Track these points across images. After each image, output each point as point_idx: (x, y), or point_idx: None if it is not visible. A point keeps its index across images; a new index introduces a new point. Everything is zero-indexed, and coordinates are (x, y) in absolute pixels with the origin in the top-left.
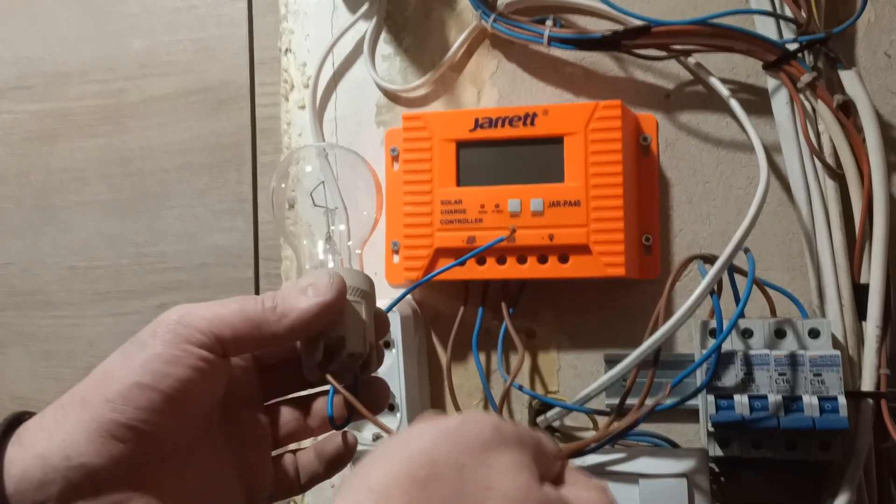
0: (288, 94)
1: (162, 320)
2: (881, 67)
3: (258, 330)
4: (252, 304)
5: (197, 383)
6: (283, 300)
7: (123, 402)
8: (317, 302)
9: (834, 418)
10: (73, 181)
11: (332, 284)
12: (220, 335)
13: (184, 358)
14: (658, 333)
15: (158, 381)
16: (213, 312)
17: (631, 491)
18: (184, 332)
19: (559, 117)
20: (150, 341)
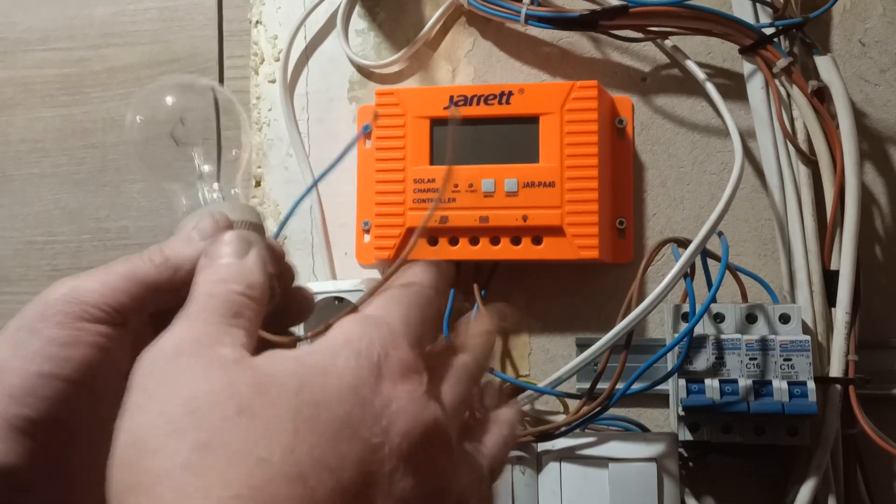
0: (258, 68)
1: (47, 300)
2: (855, 55)
3: (154, 289)
4: (141, 264)
5: (101, 361)
6: (171, 252)
7: (27, 395)
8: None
9: (803, 403)
10: (31, 152)
11: (217, 225)
12: (115, 305)
13: (81, 337)
14: (630, 316)
15: (59, 367)
16: (102, 282)
17: (601, 475)
18: (75, 310)
19: (535, 96)
20: (40, 325)
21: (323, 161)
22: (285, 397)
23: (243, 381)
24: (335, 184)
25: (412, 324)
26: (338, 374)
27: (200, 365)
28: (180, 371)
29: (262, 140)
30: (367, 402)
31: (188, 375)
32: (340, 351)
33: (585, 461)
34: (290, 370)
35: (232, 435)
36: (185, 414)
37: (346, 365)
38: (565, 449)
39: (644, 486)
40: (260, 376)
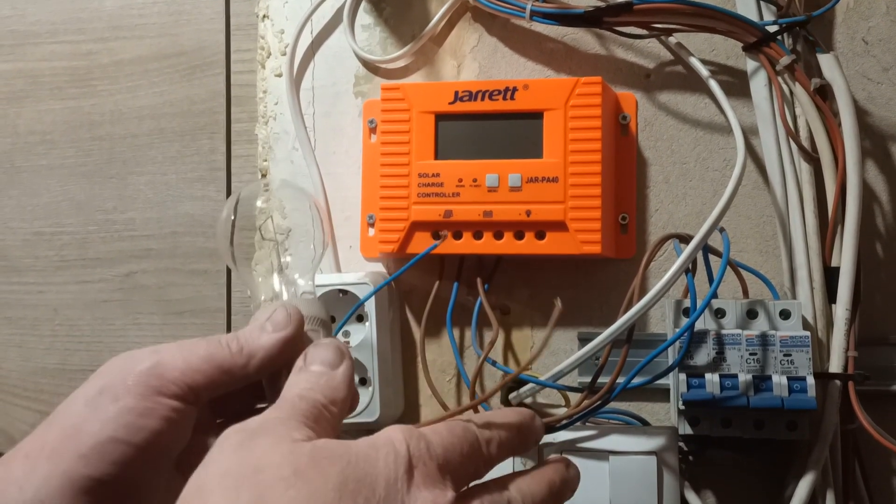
0: (264, 62)
1: (133, 369)
2: (858, 53)
3: (228, 374)
4: (219, 350)
5: (169, 433)
6: (246, 341)
7: (97, 458)
8: (278, 337)
9: (802, 398)
10: (40, 144)
11: (289, 317)
12: (192, 385)
13: (157, 410)
14: (632, 311)
15: (132, 434)
16: (185, 362)
17: (601, 468)
18: (156, 384)
19: (539, 92)
20: (122, 393)
21: (328, 155)
22: (335, 469)
23: (302, 451)
24: (340, 177)
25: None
26: (378, 464)
27: (273, 441)
28: (255, 443)
29: (268, 134)
30: (397, 494)
31: (260, 447)
32: (383, 447)
33: (586, 454)
34: (342, 451)
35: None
36: (248, 475)
37: (387, 459)
38: (566, 441)
39: (644, 480)
40: (316, 450)
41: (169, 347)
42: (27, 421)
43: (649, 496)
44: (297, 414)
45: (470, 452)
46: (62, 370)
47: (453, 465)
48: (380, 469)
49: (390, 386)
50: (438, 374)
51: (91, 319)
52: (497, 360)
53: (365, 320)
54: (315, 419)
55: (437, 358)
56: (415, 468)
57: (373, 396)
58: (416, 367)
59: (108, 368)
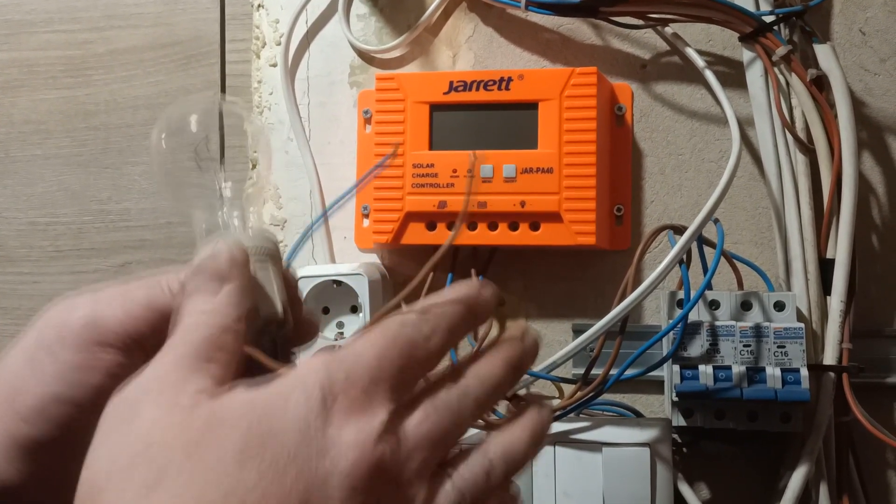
0: (259, 52)
1: (66, 322)
2: (856, 44)
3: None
4: (160, 293)
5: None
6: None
7: (39, 418)
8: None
9: (796, 390)
10: (34, 133)
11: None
12: (134, 334)
13: (99, 364)
14: (625, 302)
15: (74, 392)
16: (124, 310)
17: (594, 459)
18: (94, 336)
19: (534, 82)
20: (58, 348)
21: (323, 145)
22: (234, 436)
23: (195, 420)
24: (335, 167)
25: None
26: (286, 413)
27: (160, 407)
28: (139, 412)
29: (263, 124)
30: (312, 441)
31: (146, 417)
32: (292, 391)
33: (579, 445)
34: (242, 410)
35: (179, 474)
36: (136, 454)
37: (296, 404)
38: (560, 433)
39: (637, 471)
40: (212, 416)
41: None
42: None
43: (642, 488)
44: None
45: (407, 354)
46: None
47: (385, 379)
48: (289, 418)
49: None
50: None
51: None
52: None
53: (359, 311)
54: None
55: None
56: (333, 402)
57: None
58: None
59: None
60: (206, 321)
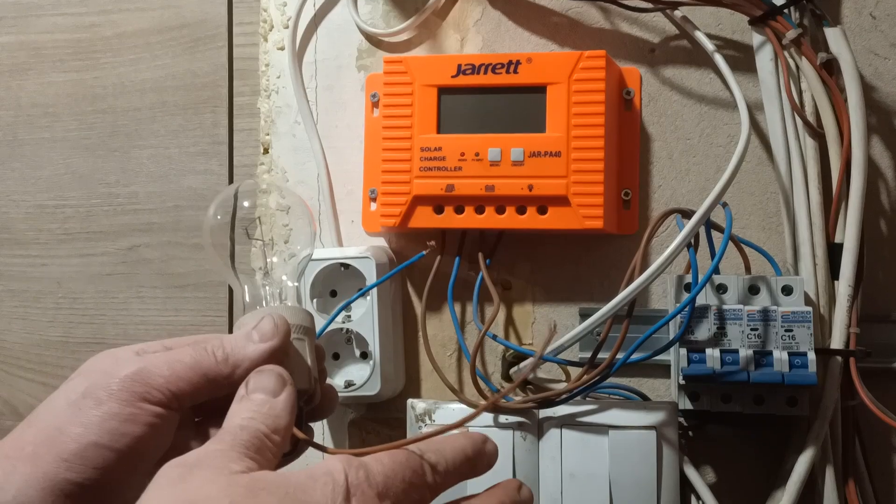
0: (267, 35)
1: (117, 374)
2: (866, 28)
3: (212, 383)
4: (205, 358)
5: (151, 438)
6: (232, 349)
7: (79, 462)
8: (264, 348)
9: (803, 374)
10: (42, 116)
11: (276, 328)
12: (177, 392)
13: (140, 416)
14: (633, 285)
15: (115, 440)
16: (170, 370)
17: (600, 442)
18: (140, 390)
19: (543, 66)
20: (105, 398)
21: (331, 129)
22: (272, 501)
23: (239, 484)
24: (342, 151)
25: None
26: (316, 493)
27: (210, 474)
28: (192, 477)
29: (270, 107)
30: None
31: (197, 481)
32: (321, 478)
33: (586, 428)
34: (279, 482)
35: None
36: None
37: (324, 489)
38: (566, 416)
39: (643, 454)
40: (253, 483)
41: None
42: (31, 393)
43: (648, 471)
44: (238, 445)
45: (412, 479)
46: (65, 343)
47: (394, 493)
48: (317, 499)
49: (391, 360)
50: (439, 348)
51: (94, 293)
52: (498, 335)
53: (366, 295)
54: (256, 449)
55: (438, 333)
56: (352, 496)
57: (373, 371)
58: (417, 341)
59: (91, 368)
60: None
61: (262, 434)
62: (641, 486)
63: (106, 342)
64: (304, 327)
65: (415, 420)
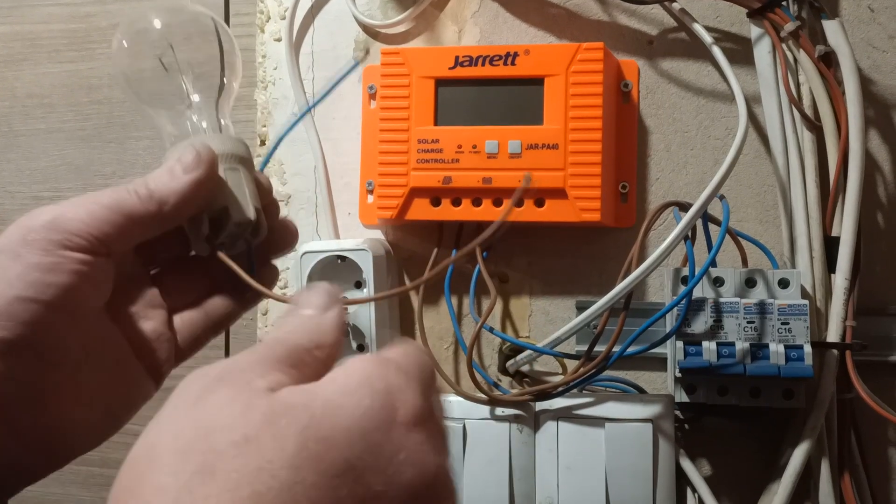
0: (263, 26)
1: (30, 225)
2: (864, 21)
3: (139, 223)
4: (126, 198)
5: (81, 287)
6: (156, 186)
7: (6, 318)
8: (190, 179)
9: (799, 366)
10: (38, 107)
11: (199, 157)
12: (98, 235)
13: (64, 264)
14: (630, 278)
15: (40, 292)
16: (87, 211)
17: (597, 434)
18: (58, 237)
19: (540, 58)
20: (23, 250)
21: (328, 121)
22: (293, 430)
23: (257, 409)
24: (340, 143)
25: (426, 375)
26: (351, 413)
27: (230, 393)
28: (213, 396)
29: (267, 99)
30: (376, 448)
31: (215, 401)
32: (357, 390)
33: (582, 421)
34: (303, 403)
35: (234, 463)
36: (197, 437)
37: (361, 405)
38: (563, 408)
39: (640, 447)
40: (273, 406)
41: (70, 201)
42: None
43: (645, 463)
44: (270, 357)
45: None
46: None
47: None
48: (353, 420)
49: None
50: (436, 340)
51: None
52: (495, 328)
53: (363, 287)
54: (294, 364)
55: (435, 325)
56: (398, 409)
57: None
58: (413, 333)
59: (6, 232)
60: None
61: (303, 348)
62: (637, 479)
63: None
64: (236, 156)
65: None
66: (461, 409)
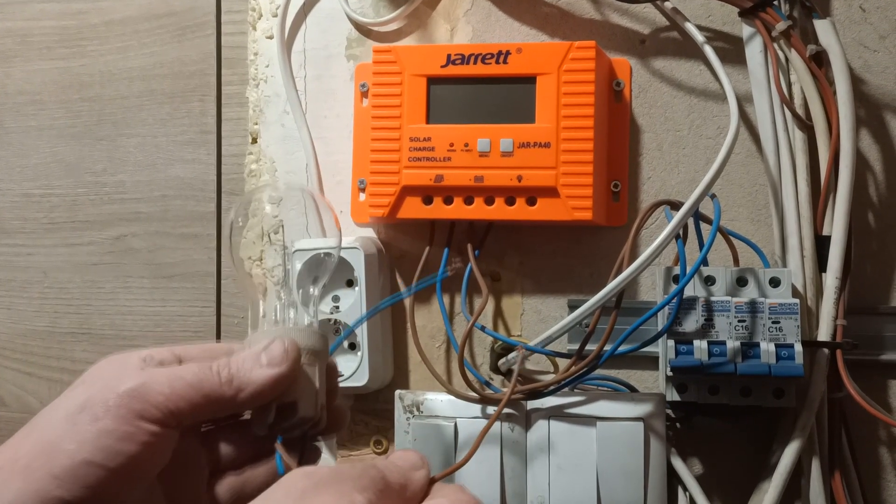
0: (255, 23)
1: (112, 387)
2: (855, 20)
3: (214, 404)
4: (209, 378)
5: (147, 456)
6: (238, 371)
7: (71, 480)
8: (272, 374)
9: (790, 365)
10: (29, 104)
11: (286, 353)
12: (175, 411)
13: (137, 435)
14: (621, 276)
15: (109, 459)
16: (171, 388)
17: (588, 433)
18: (138, 408)
19: (533, 56)
20: (102, 414)
21: (320, 119)
22: None
23: None
24: (331, 141)
25: None
26: None
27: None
28: (316, 496)
29: (259, 96)
30: None
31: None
32: None
33: (574, 419)
34: None
35: None
36: None
37: None
38: (554, 407)
39: (631, 445)
40: None
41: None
42: (16, 383)
43: (636, 462)
44: (368, 477)
45: None
46: (51, 332)
47: None
48: None
49: (379, 352)
50: (428, 340)
51: (81, 282)
52: (486, 326)
53: (355, 285)
54: (381, 492)
55: (427, 324)
56: None
57: (361, 361)
58: (405, 332)
59: (95, 376)
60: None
61: (392, 485)
62: (629, 478)
63: (92, 332)
64: (315, 351)
65: (403, 411)
66: (452, 407)
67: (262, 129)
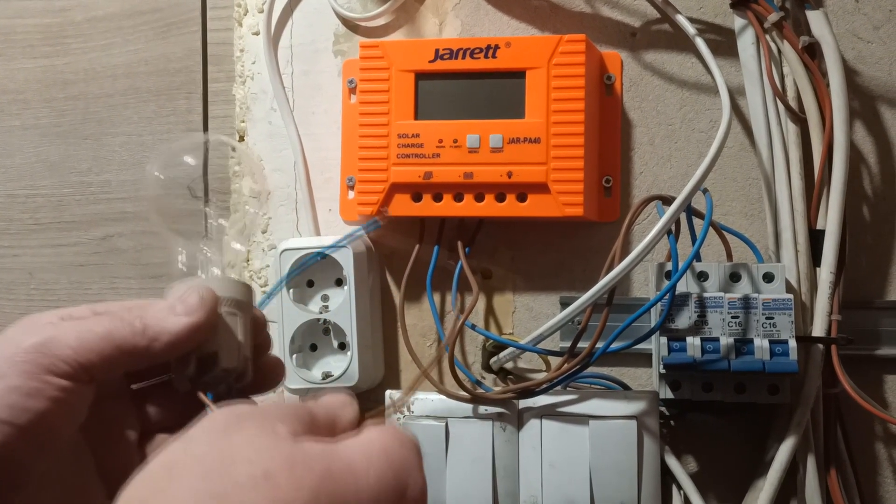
0: (241, 19)
1: (20, 344)
2: (849, 11)
3: (127, 355)
4: (120, 329)
5: (57, 413)
6: (151, 320)
7: None
8: (187, 322)
9: (784, 361)
10: (12, 103)
11: (202, 301)
12: (85, 364)
13: (45, 390)
14: (614, 272)
15: (15, 415)
16: (79, 340)
17: (581, 432)
18: (45, 362)
19: (522, 50)
20: (7, 370)
21: (307, 115)
22: (309, 478)
23: (279, 451)
24: (320, 138)
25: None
26: (366, 478)
27: (256, 431)
28: (238, 429)
29: (245, 94)
30: None
31: (242, 436)
32: (376, 459)
33: (566, 418)
34: (324, 457)
35: (250, 496)
36: (220, 464)
37: (377, 475)
38: (546, 406)
39: (624, 444)
40: (294, 452)
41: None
42: None
43: (629, 460)
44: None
45: None
46: None
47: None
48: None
49: (369, 350)
50: (418, 338)
51: (67, 283)
52: (478, 325)
53: (344, 284)
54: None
55: (418, 322)
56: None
57: (351, 361)
58: (395, 331)
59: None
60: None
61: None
62: (622, 476)
63: None
64: (236, 301)
65: (393, 411)
66: (444, 407)
67: (249, 127)
